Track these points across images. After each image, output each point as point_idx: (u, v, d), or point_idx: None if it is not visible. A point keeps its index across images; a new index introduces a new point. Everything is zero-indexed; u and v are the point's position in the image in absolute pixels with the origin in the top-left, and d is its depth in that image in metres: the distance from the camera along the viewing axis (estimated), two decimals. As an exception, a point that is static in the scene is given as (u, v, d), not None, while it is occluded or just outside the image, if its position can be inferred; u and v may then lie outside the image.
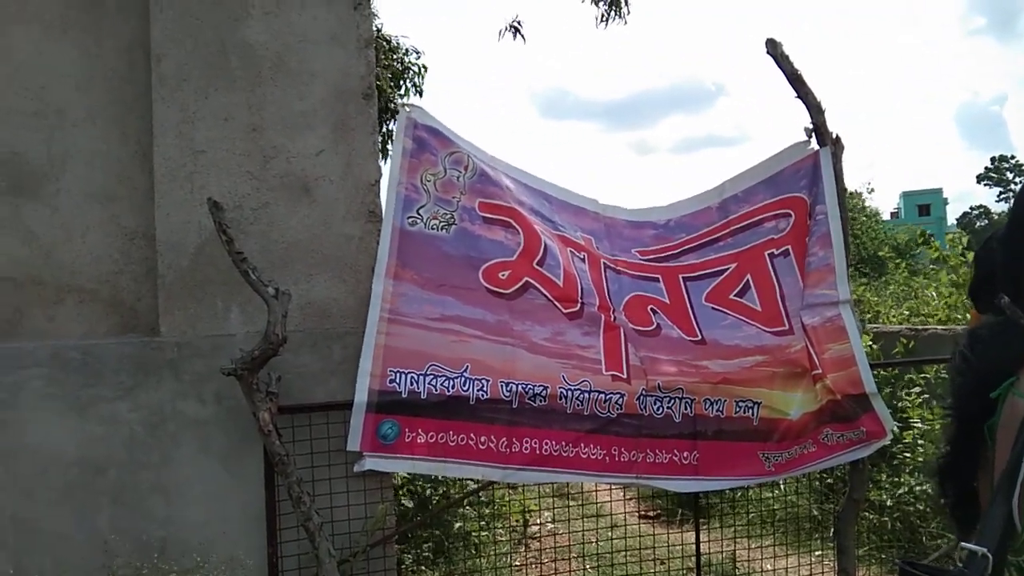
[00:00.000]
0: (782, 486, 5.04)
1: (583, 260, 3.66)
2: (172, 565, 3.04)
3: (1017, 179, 69.12)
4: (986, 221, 61.76)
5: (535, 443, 3.30)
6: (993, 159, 73.26)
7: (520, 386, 3.29)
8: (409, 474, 4.50)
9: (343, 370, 3.33)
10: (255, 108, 3.42)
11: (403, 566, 4.30)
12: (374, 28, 3.88)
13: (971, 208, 70.77)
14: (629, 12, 7.76)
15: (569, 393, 3.32)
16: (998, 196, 70.49)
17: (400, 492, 4.51)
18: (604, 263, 3.71)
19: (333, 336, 3.39)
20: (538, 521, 5.37)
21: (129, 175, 3.43)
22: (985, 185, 73.14)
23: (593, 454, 3.37)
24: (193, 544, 3.11)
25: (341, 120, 3.50)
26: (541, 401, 3.30)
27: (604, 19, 7.86)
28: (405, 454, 3.20)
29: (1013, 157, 72.65)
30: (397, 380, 3.19)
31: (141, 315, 3.42)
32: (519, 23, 7.80)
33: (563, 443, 3.33)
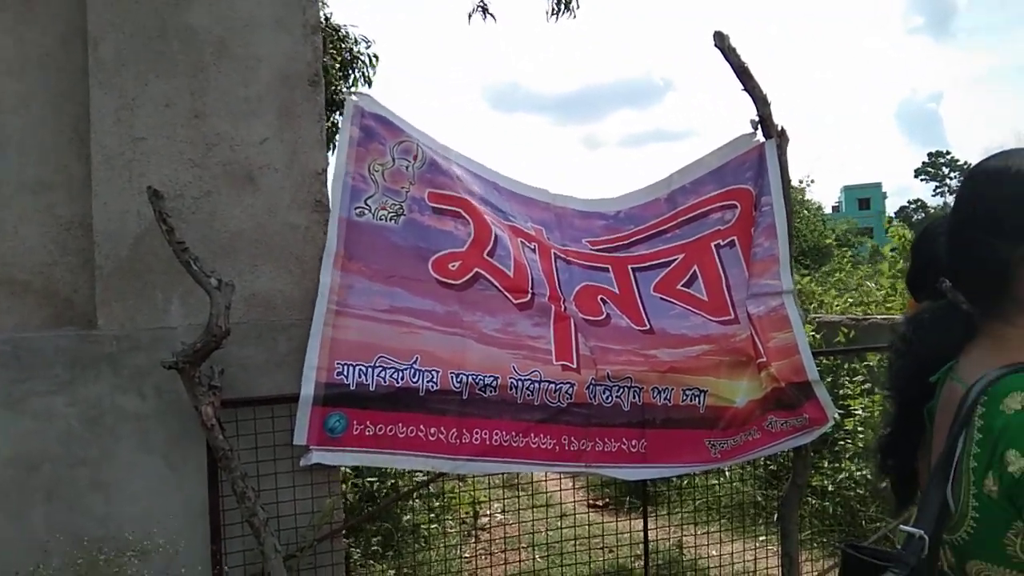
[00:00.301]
0: (727, 473, 5.14)
1: (534, 250, 3.66)
2: (111, 563, 2.96)
3: (952, 174, 71.59)
4: (923, 214, 63.76)
5: (485, 434, 3.30)
6: (930, 155, 75.81)
7: (470, 377, 3.27)
8: (354, 468, 4.46)
9: (289, 362, 3.27)
10: (197, 94, 3.32)
11: (351, 560, 4.27)
12: (322, 16, 3.81)
13: (909, 202, 73.04)
14: (579, 6, 7.80)
15: (519, 383, 3.32)
16: (934, 190, 72.99)
17: (347, 486, 4.46)
18: (555, 253, 3.71)
19: (278, 328, 3.33)
20: (488, 512, 5.38)
21: (65, 163, 3.31)
22: (922, 180, 75.56)
23: (543, 444, 3.38)
24: (134, 542, 3.03)
25: (287, 107, 3.42)
26: (491, 392, 3.29)
27: (555, 12, 7.88)
28: (353, 447, 3.16)
29: (948, 153, 75.33)
30: (345, 372, 3.15)
31: (77, 307, 3.30)
32: (486, 3, 7.77)
33: (513, 433, 3.33)
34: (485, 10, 7.76)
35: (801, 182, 26.50)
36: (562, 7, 7.77)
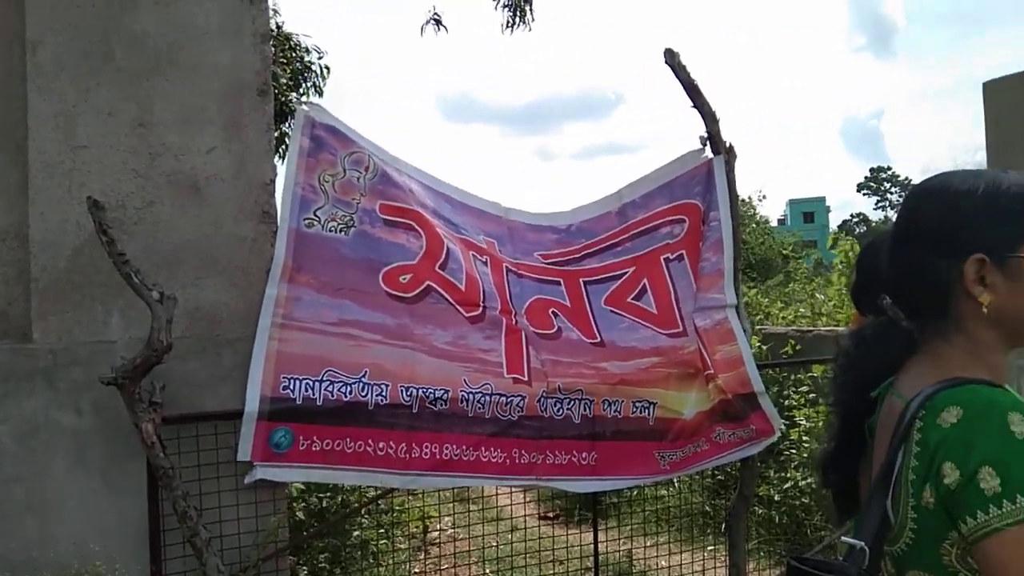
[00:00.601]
0: (676, 484, 5.19)
1: (485, 264, 3.65)
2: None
3: (893, 189, 73.92)
4: (864, 228, 65.58)
5: (435, 448, 3.27)
6: (872, 170, 78.19)
7: (421, 390, 3.24)
8: (304, 485, 4.37)
9: (234, 377, 3.20)
10: (142, 102, 3.25)
11: (299, 578, 4.18)
12: (273, 25, 3.76)
13: (851, 216, 75.05)
14: (533, 19, 7.88)
15: (470, 396, 3.30)
16: (875, 204, 75.24)
17: (295, 504, 4.37)
18: (506, 267, 3.71)
19: (223, 342, 3.26)
20: (438, 527, 5.33)
21: (-1, 171, 3.20)
22: (864, 194, 77.82)
23: (494, 457, 3.36)
24: (70, 564, 2.92)
25: (234, 116, 3.37)
26: (442, 405, 3.27)
27: (509, 25, 7.94)
28: (300, 462, 3.10)
29: (889, 168, 77.79)
30: (291, 387, 3.09)
31: (12, 320, 3.19)
32: (439, 15, 7.79)
33: (464, 447, 3.31)
34: (439, 22, 7.78)
35: (749, 198, 26.99)
36: (517, 19, 7.83)
